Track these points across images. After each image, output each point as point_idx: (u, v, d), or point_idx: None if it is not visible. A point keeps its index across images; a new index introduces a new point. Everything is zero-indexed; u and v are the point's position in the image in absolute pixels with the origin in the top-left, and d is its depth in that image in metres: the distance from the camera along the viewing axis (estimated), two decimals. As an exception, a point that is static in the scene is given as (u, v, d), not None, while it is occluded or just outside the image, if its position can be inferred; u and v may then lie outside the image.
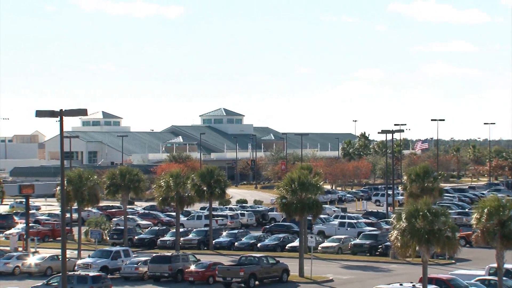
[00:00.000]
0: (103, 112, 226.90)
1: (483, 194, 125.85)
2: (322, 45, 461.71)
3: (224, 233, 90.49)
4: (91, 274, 60.49)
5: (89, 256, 74.29)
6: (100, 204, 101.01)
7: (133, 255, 74.38)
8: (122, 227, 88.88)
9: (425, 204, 50.51)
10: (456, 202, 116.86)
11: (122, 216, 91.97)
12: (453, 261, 72.24)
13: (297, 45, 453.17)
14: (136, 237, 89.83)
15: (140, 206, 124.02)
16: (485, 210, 53.81)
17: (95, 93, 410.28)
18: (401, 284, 53.68)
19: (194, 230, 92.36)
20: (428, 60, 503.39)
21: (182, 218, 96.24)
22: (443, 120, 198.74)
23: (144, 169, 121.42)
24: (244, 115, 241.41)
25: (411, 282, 55.22)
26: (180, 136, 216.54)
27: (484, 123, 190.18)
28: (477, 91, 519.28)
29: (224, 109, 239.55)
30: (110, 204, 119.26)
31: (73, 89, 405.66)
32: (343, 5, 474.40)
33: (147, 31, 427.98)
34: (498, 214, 53.31)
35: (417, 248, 49.32)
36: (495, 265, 55.15)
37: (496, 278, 54.90)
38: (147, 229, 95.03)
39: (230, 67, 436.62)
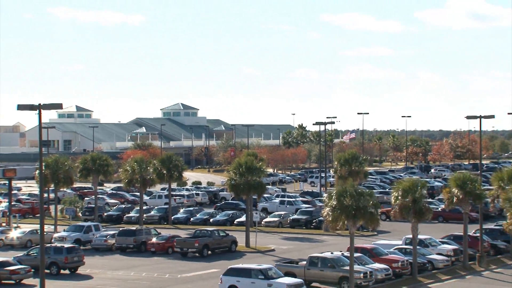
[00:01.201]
0: (76, 106, 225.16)
1: (400, 176, 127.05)
2: (264, 49, 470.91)
3: (181, 210, 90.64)
4: (66, 245, 60.09)
5: (64, 230, 73.95)
6: (74, 186, 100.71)
7: (103, 229, 74.12)
8: (93, 205, 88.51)
9: (352, 185, 50.94)
10: (378, 183, 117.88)
11: (93, 196, 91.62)
12: (375, 233, 72.88)
13: (242, 49, 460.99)
14: (105, 214, 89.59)
15: (108, 187, 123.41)
16: (403, 189, 54.61)
17: (69, 89, 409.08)
18: (332, 253, 54.11)
19: (156, 207, 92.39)
20: (354, 62, 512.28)
21: (145, 197, 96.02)
22: (368, 113, 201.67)
23: (112, 155, 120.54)
24: (198, 109, 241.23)
25: (340, 251, 55.79)
26: (143, 127, 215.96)
27: (402, 116, 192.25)
28: (395, 89, 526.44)
29: (182, 103, 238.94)
30: (83, 186, 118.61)
31: (50, 86, 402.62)
32: (281, 15, 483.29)
33: (114, 36, 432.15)
34: (413, 193, 54.10)
35: (345, 222, 49.66)
36: (410, 236, 55.97)
37: (411, 247, 55.68)
38: (114, 207, 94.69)
39: (186, 67, 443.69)
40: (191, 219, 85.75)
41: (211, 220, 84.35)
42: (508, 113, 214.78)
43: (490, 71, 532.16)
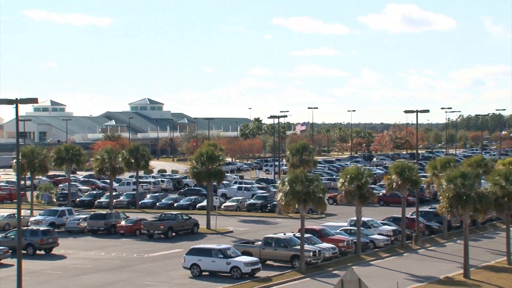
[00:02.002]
0: (51, 100, 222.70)
1: (346, 164, 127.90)
2: (223, 50, 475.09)
3: (148, 196, 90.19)
4: (41, 228, 59.56)
5: (39, 215, 73.21)
6: (49, 173, 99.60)
7: (75, 214, 73.50)
8: (67, 191, 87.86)
9: (302, 173, 51.18)
10: (326, 171, 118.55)
11: (67, 183, 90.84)
12: (324, 215, 73.31)
13: (203, 49, 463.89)
14: (77, 199, 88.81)
15: (81, 175, 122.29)
16: (348, 176, 54.99)
17: (44, 85, 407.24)
18: (284, 234, 54.26)
19: (124, 193, 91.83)
20: (304, 62, 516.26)
21: (115, 184, 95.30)
22: (317, 108, 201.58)
23: (84, 146, 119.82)
24: (163, 104, 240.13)
25: (292, 232, 56.01)
26: (113, 120, 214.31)
27: (347, 110, 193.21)
28: (341, 86, 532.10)
29: (148, 99, 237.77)
30: (57, 173, 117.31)
31: (26, 82, 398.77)
32: (237, 18, 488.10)
33: (84, 36, 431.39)
34: (357, 179, 54.49)
35: (296, 206, 49.96)
36: (355, 218, 56.43)
37: (355, 228, 56.17)
38: (86, 193, 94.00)
39: (152, 65, 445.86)
40: (157, 203, 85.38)
41: (175, 204, 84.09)
42: (441, 108, 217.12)
43: (424, 70, 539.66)
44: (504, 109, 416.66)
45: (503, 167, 60.67)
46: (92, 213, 72.66)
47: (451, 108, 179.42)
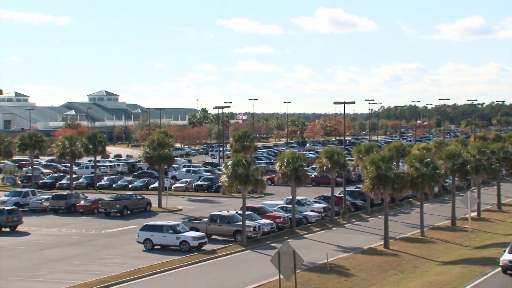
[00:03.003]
0: (15, 92, 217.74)
1: (282, 149, 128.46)
2: (172, 47, 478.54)
3: (105, 178, 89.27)
4: (6, 208, 58.51)
5: (5, 195, 71.87)
6: (13, 158, 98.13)
7: (38, 194, 72.45)
8: (30, 174, 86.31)
9: (244, 157, 51.35)
10: (265, 155, 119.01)
11: (30, 167, 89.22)
12: (263, 195, 73.69)
13: (154, 46, 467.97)
14: (40, 181, 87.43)
15: (43, 159, 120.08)
16: (284, 160, 55.36)
17: (9, 78, 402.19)
18: (228, 211, 54.42)
19: (83, 176, 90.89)
20: (244, 58, 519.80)
21: (75, 168, 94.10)
22: (256, 99, 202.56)
23: (46, 133, 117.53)
24: (119, 95, 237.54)
25: (235, 210, 56.22)
26: (73, 110, 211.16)
27: (284, 102, 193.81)
28: (278, 80, 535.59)
29: (105, 91, 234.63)
30: (21, 158, 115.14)
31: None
32: (185, 19, 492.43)
33: (44, 33, 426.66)
34: (293, 163, 54.89)
35: (238, 186, 50.13)
36: (290, 197, 56.89)
37: (290, 206, 56.63)
38: (48, 176, 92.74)
39: (109, 60, 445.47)
40: (113, 185, 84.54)
41: (130, 186, 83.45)
42: (365, 100, 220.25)
43: (349, 66, 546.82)
44: (419, 101, 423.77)
45: (418, 151, 62.11)
46: (54, 193, 71.57)
47: (373, 100, 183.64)
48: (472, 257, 43.76)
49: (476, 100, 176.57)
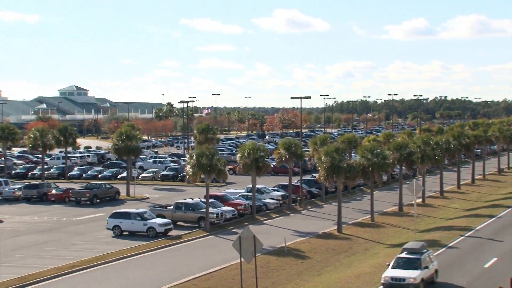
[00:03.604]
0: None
1: (243, 141, 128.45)
2: (138, 45, 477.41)
3: (76, 168, 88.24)
4: (-19, 197, 57.47)
5: (-20, 185, 70.55)
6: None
7: (11, 184, 71.23)
8: (3, 165, 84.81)
9: (207, 148, 51.17)
10: (227, 147, 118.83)
11: (3, 158, 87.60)
12: (225, 184, 73.56)
13: (122, 44, 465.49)
14: (13, 172, 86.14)
15: (16, 150, 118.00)
16: (245, 151, 55.33)
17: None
18: (192, 199, 54.22)
19: (55, 166, 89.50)
20: (207, 56, 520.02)
21: (46, 159, 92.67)
22: (219, 94, 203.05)
23: (18, 126, 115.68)
24: (88, 90, 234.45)
25: (199, 198, 56.02)
26: (44, 104, 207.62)
27: (244, 97, 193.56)
28: (239, 76, 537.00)
29: (75, 86, 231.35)
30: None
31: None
32: (151, 19, 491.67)
33: (15, 30, 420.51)
34: (253, 154, 54.90)
35: (202, 176, 49.96)
36: (251, 185, 56.89)
37: (251, 194, 56.64)
38: (21, 166, 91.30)
39: (79, 56, 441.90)
40: (83, 175, 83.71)
41: (99, 176, 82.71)
42: (320, 95, 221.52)
43: (305, 63, 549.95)
44: (369, 96, 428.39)
45: (368, 143, 62.59)
46: (26, 183, 70.35)
47: (328, 95, 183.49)
48: (417, 240, 44.32)
49: (421, 95, 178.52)
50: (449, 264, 36.27)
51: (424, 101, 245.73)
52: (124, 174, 77.51)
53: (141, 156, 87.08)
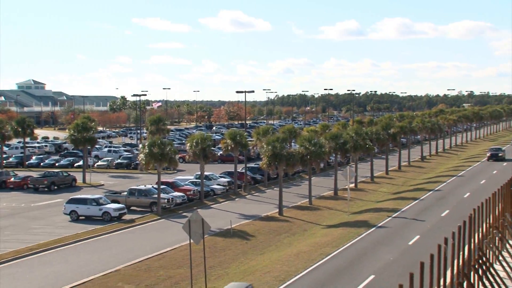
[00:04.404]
0: None
1: (192, 132, 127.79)
2: (92, 41, 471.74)
3: (34, 157, 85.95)
4: None
5: None
6: None
7: (-28, 173, 68.93)
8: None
9: (158, 138, 50.69)
10: (177, 137, 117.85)
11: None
12: (175, 171, 73.03)
13: (77, 40, 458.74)
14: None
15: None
16: (194, 141, 55.04)
17: None
18: (145, 186, 53.67)
19: (13, 155, 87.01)
20: (158, 53, 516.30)
21: (5, 149, 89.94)
22: (169, 88, 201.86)
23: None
24: (46, 84, 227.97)
25: (151, 184, 55.46)
26: (2, 97, 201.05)
27: (193, 91, 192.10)
28: (188, 71, 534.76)
29: (33, 80, 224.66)
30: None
31: None
32: (103, 17, 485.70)
33: None
34: (201, 143, 54.65)
35: (154, 164, 49.49)
36: (199, 172, 56.65)
37: (199, 180, 56.40)
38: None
39: (36, 52, 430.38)
40: (41, 163, 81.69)
41: (56, 164, 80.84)
42: (263, 89, 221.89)
43: (249, 60, 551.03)
44: (308, 91, 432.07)
45: (307, 133, 63.13)
46: (-13, 172, 68.19)
47: (270, 89, 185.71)
48: (350, 221, 45.10)
49: (354, 90, 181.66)
50: (378, 242, 37.03)
51: (357, 95, 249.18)
52: (81, 163, 75.99)
53: (96, 146, 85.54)
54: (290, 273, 30.73)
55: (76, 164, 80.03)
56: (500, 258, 16.35)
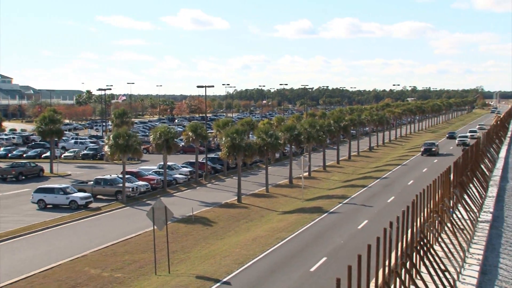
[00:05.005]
0: None
1: (156, 124, 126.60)
2: (57, 38, 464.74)
3: (2, 149, 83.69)
4: None
5: None
6: None
7: None
8: None
9: (123, 130, 50.07)
10: (141, 129, 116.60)
11: None
12: (139, 161, 72.36)
13: (41, 37, 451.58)
14: None
15: None
16: (157, 133, 54.63)
17: None
18: (110, 175, 52.95)
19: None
20: (122, 49, 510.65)
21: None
22: (133, 83, 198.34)
23: None
24: (13, 78, 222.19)
25: (116, 174, 54.81)
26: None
27: (156, 85, 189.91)
28: (151, 67, 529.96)
29: (0, 74, 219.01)
30: None
31: None
32: (68, 14, 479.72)
33: None
34: (164, 135, 54.31)
35: (119, 155, 48.91)
36: (162, 163, 56.26)
37: (162, 170, 56.02)
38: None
39: (2, 47, 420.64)
40: (9, 154, 79.65)
41: (24, 155, 78.97)
42: (222, 84, 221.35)
43: (209, 57, 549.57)
44: (264, 86, 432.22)
45: (263, 126, 63.35)
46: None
47: (229, 84, 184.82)
48: (304, 207, 45.55)
49: (307, 85, 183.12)
50: (330, 226, 37.53)
51: (310, 90, 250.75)
52: (48, 154, 74.46)
53: (63, 138, 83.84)
54: (248, 256, 30.90)
55: (43, 155, 78.37)
56: (440, 239, 16.87)
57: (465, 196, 21.62)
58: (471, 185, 24.71)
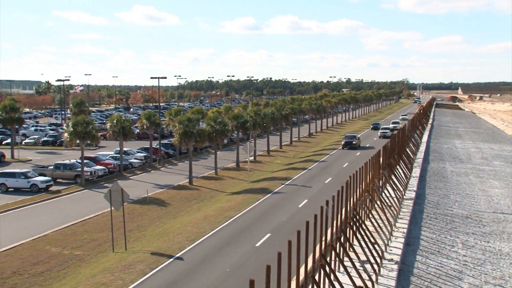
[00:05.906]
0: None
1: (112, 113, 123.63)
2: (15, 31, 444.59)
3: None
4: None
5: None
6: None
7: None
8: None
9: (82, 118, 48.80)
10: (99, 117, 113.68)
11: None
12: (97, 147, 70.76)
13: (2, 30, 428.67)
14: None
15: None
16: (114, 121, 53.53)
17: None
18: (69, 160, 51.50)
19: None
20: (80, 43, 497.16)
21: None
22: (91, 74, 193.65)
23: None
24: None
25: (75, 159, 53.40)
26: None
27: (112, 76, 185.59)
28: (107, 60, 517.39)
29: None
30: None
31: None
32: (23, 9, 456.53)
33: None
34: (120, 123, 53.30)
35: (78, 141, 47.70)
36: (119, 148, 55.19)
37: (119, 155, 54.96)
38: None
39: None
40: (-29, 142, 76.38)
41: (-15, 142, 75.86)
42: (174, 76, 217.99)
43: (162, 50, 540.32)
44: (213, 77, 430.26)
45: (212, 114, 63.08)
46: None
47: (180, 76, 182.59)
48: (250, 188, 45.79)
49: (253, 76, 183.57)
50: (274, 205, 37.90)
51: (255, 81, 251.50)
52: (9, 140, 71.69)
53: (24, 126, 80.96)
54: (199, 234, 30.86)
55: (4, 142, 75.47)
56: (370, 216, 17.30)
57: (393, 177, 22.28)
58: (398, 167, 25.47)
